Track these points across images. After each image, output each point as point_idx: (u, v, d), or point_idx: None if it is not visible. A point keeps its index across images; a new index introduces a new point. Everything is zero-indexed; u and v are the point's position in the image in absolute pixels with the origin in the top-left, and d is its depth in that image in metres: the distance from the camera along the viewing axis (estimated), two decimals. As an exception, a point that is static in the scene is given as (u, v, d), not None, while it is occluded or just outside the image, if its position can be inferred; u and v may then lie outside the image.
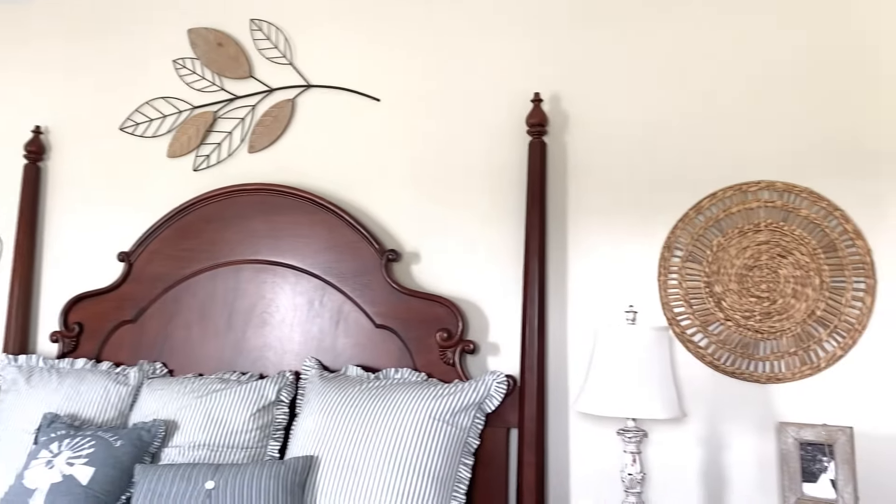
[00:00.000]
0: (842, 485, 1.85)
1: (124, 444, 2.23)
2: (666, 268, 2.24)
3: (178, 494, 2.01)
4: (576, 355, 2.31)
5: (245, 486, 2.00)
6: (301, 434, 2.21)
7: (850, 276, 2.09)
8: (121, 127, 2.86)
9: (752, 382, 2.15)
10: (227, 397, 2.33)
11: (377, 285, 2.43)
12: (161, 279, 2.65)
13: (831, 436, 1.88)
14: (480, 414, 2.21)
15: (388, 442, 2.08)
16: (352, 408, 2.18)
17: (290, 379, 2.39)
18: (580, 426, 2.28)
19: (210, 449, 2.26)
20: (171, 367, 2.60)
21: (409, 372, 2.33)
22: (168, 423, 2.32)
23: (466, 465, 2.15)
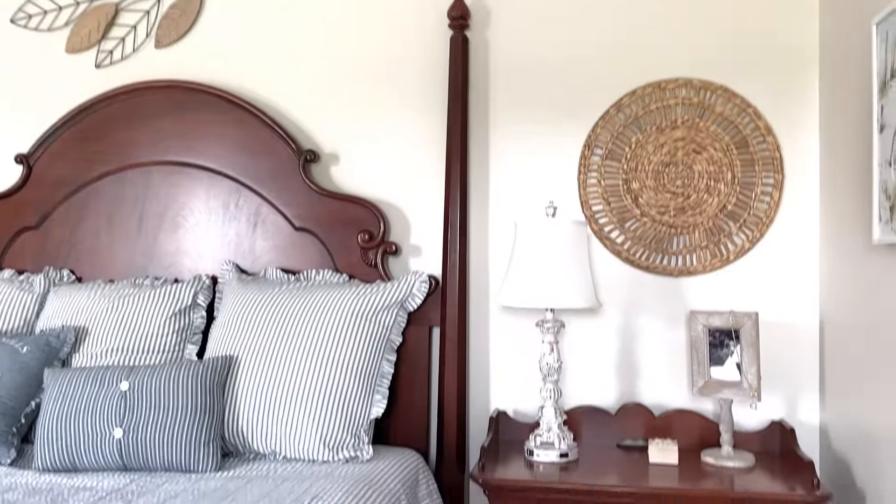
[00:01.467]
0: (746, 367, 1.95)
1: (31, 350, 2.14)
2: (586, 166, 2.26)
3: (91, 397, 1.95)
4: (497, 255, 2.33)
5: (162, 386, 1.95)
6: (219, 335, 2.17)
7: (760, 172, 2.15)
8: (12, 19, 2.63)
9: (665, 276, 2.22)
10: (141, 301, 2.25)
11: (295, 187, 2.36)
12: (65, 183, 2.50)
13: (738, 321, 1.97)
14: (403, 312, 2.22)
15: (309, 338, 2.07)
16: (272, 307, 2.14)
17: (206, 283, 2.33)
18: (501, 322, 2.32)
19: (124, 353, 2.19)
20: (79, 274, 2.48)
21: (330, 273, 2.30)
22: (78, 329, 2.23)
23: (389, 360, 2.17)
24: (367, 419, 2.06)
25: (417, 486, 1.99)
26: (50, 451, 1.93)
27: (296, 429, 1.98)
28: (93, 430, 1.91)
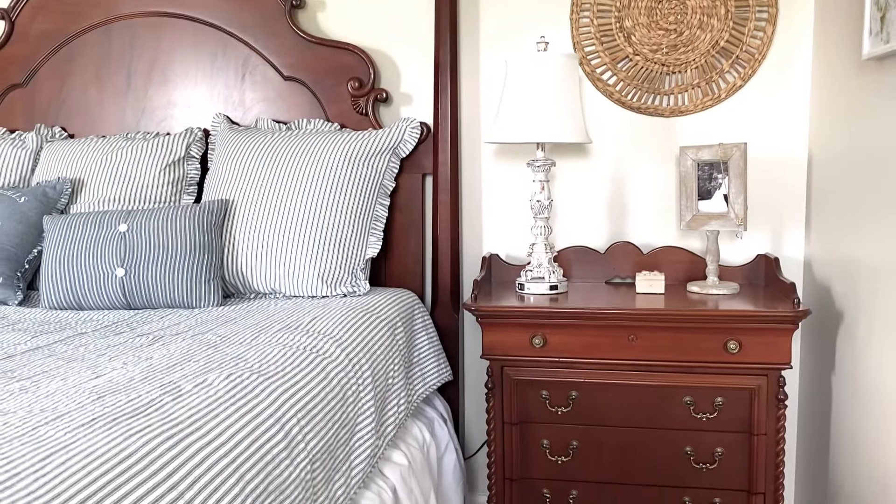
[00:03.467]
0: (733, 197, 1.98)
1: (29, 200, 2.16)
2: (578, 5, 2.21)
3: (90, 239, 1.99)
4: (488, 100, 2.32)
5: (160, 227, 1.99)
6: (214, 183, 2.19)
7: (754, 6, 2.12)
8: None
9: (656, 117, 2.22)
10: (134, 154, 2.26)
11: (282, 34, 2.33)
12: (49, 37, 2.46)
13: (726, 153, 1.98)
14: (395, 158, 2.23)
15: (303, 183, 2.09)
16: (265, 154, 2.16)
17: (198, 135, 2.33)
18: (493, 168, 2.34)
19: (120, 203, 2.22)
20: (71, 131, 2.48)
21: (321, 122, 2.30)
22: (74, 181, 2.25)
23: (383, 205, 2.20)
24: (363, 258, 2.11)
25: (413, 319, 2.06)
26: (55, 290, 1.98)
27: (294, 267, 2.04)
28: (95, 270, 1.96)
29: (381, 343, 1.77)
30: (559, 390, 1.92)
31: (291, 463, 1.21)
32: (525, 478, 1.96)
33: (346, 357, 1.58)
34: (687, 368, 1.85)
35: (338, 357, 1.56)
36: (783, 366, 1.79)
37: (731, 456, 1.86)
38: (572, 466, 1.93)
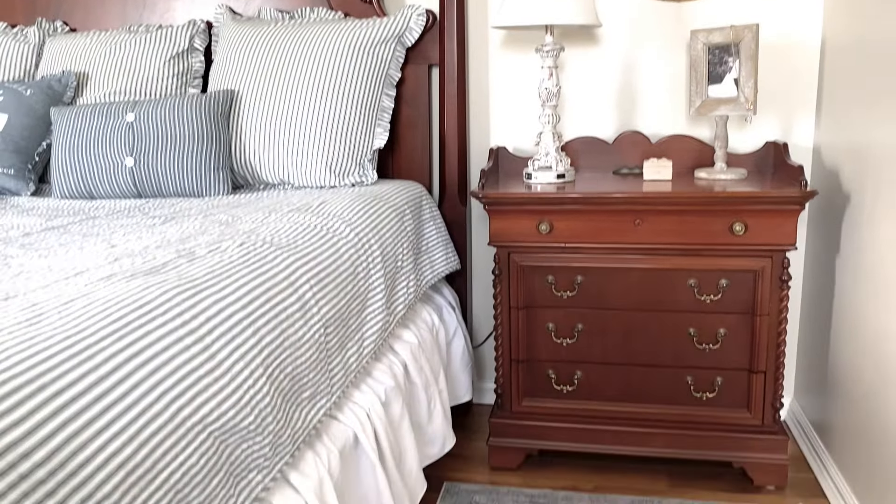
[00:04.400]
0: (744, 80, 1.95)
1: (35, 93, 2.16)
2: None
3: (98, 129, 2.00)
4: (496, -12, 2.27)
5: (167, 116, 1.99)
6: (219, 74, 2.17)
7: None
8: None
9: (667, 1, 2.17)
10: (137, 46, 2.24)
11: (284, -80, 2.26)
12: (44, -73, 2.40)
13: (738, 35, 1.95)
14: (401, 47, 2.20)
15: (308, 73, 2.07)
16: (270, 44, 2.13)
17: (201, 26, 2.29)
18: (500, 58, 2.30)
19: (126, 96, 2.21)
20: (72, 25, 2.45)
21: (325, 11, 2.26)
22: (79, 74, 2.24)
23: (389, 95, 2.18)
24: (370, 149, 2.11)
25: (421, 209, 2.08)
26: (66, 180, 2.00)
27: (302, 157, 2.04)
28: (104, 160, 1.97)
29: (390, 227, 1.79)
30: (565, 275, 1.95)
31: (305, 324, 1.25)
32: (531, 359, 2.02)
33: (356, 236, 1.60)
34: (692, 251, 1.87)
35: (348, 235, 1.58)
36: (788, 247, 1.81)
37: (734, 337, 1.90)
38: (577, 348, 1.98)
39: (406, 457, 1.63)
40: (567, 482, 2.00)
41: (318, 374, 1.28)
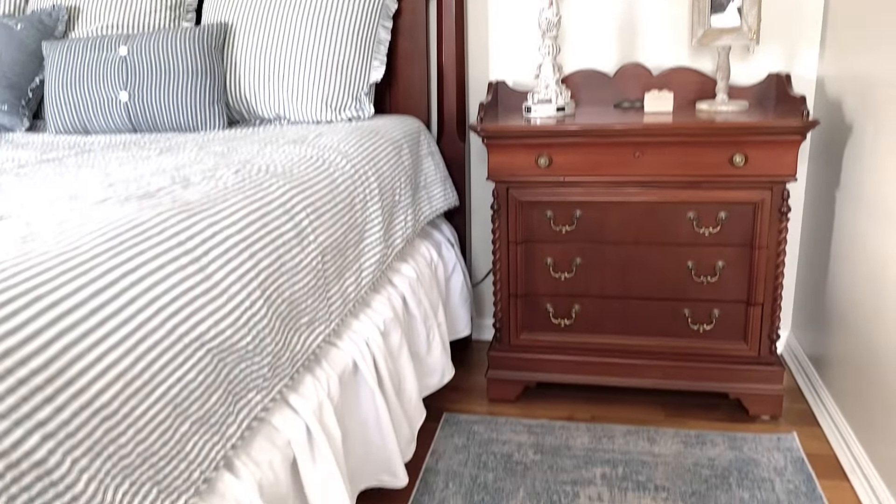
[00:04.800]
0: (747, 9, 1.91)
1: (25, 27, 2.12)
2: None
3: (91, 63, 1.97)
4: (494, -85, 2.20)
5: (160, 49, 1.96)
6: (213, 6, 2.13)
7: None
8: None
9: (671, -71, 2.11)
10: (129, -21, 2.19)
11: None
12: None
13: (742, -39, 1.90)
14: (397, -22, 2.15)
15: (304, 3, 2.03)
16: (262, -25, 2.08)
17: (194, -42, 2.24)
18: (499, -10, 2.26)
19: (118, 30, 2.17)
20: (62, -42, 2.39)
21: (320, -59, 2.20)
22: (70, 8, 2.20)
23: (385, 27, 2.14)
24: (367, 83, 2.08)
25: (419, 144, 2.06)
26: (60, 115, 1.98)
27: (297, 92, 2.02)
28: (98, 95, 1.95)
29: (387, 161, 1.78)
30: (563, 210, 1.95)
31: (302, 251, 1.25)
32: (529, 294, 2.03)
33: (352, 168, 1.59)
34: (692, 184, 1.86)
35: (345, 167, 1.57)
36: (788, 178, 1.80)
37: (732, 269, 1.90)
38: (575, 282, 1.99)
39: (405, 385, 1.65)
40: (564, 413, 2.03)
41: (316, 301, 1.29)
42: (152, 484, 0.84)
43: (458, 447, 1.89)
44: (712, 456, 1.80)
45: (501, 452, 1.86)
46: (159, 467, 0.85)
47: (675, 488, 1.69)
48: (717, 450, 1.83)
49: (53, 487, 0.68)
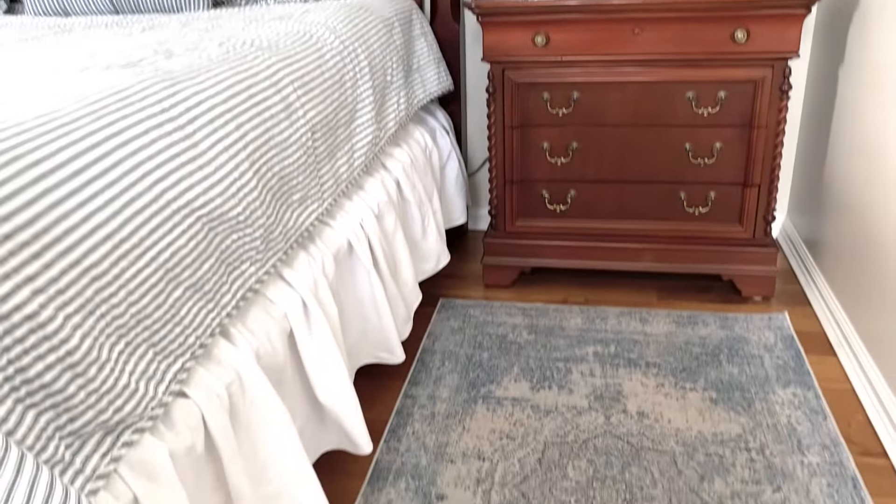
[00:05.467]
0: None
1: None
2: None
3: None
4: None
5: (137, -77, 1.86)
6: None
7: None
8: None
9: None
10: None
11: None
12: None
13: None
14: None
15: None
16: None
17: None
18: None
19: None
20: None
21: None
22: None
23: None
24: (356, -41, 1.99)
25: (411, 24, 1.99)
26: (38, -4, 1.91)
27: (283, -31, 1.93)
28: (76, -26, 1.87)
29: (378, 39, 1.72)
30: (560, 91, 1.90)
31: (291, 126, 1.23)
32: (525, 180, 2.01)
33: (341, 44, 1.54)
34: (691, 62, 1.81)
35: (333, 42, 1.52)
36: (790, 54, 1.75)
37: (730, 150, 1.88)
38: (572, 167, 1.97)
39: (401, 268, 1.66)
40: (558, 296, 2.06)
41: (307, 178, 1.28)
42: (148, 346, 0.85)
43: (454, 329, 1.92)
44: (703, 335, 1.84)
45: (496, 333, 1.89)
46: (154, 330, 0.85)
47: (665, 365, 1.73)
48: (709, 329, 1.86)
49: (47, 341, 0.69)
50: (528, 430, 1.54)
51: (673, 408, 1.58)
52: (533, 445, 1.50)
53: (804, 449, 1.44)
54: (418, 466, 1.46)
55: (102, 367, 0.76)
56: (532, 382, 1.69)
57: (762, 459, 1.42)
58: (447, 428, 1.56)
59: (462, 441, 1.52)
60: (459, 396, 1.66)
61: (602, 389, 1.66)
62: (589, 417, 1.57)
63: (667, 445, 1.48)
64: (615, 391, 1.65)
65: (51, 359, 0.69)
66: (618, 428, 1.54)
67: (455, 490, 1.39)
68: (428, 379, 1.73)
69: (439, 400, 1.65)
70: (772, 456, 1.43)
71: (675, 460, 1.44)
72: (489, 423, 1.57)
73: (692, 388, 1.64)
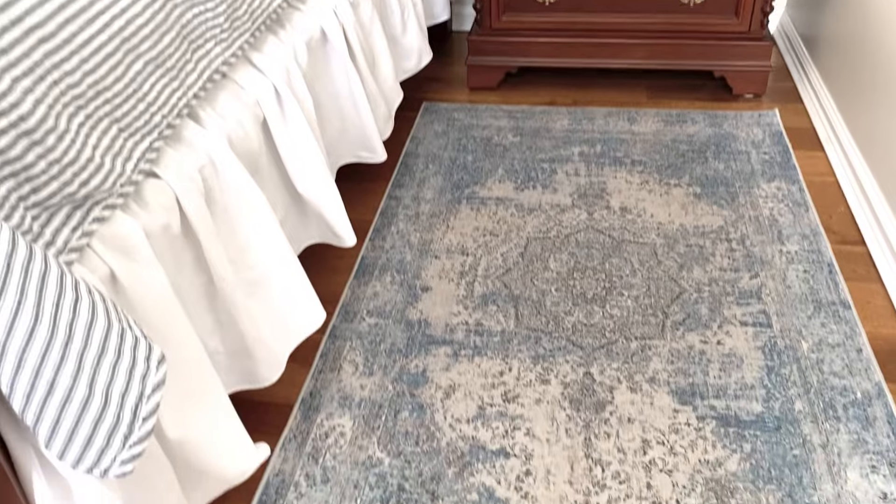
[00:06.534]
0: None
1: None
2: None
3: None
4: None
5: None
6: None
7: None
8: None
9: None
10: None
11: None
12: None
13: None
14: None
15: None
16: None
17: None
18: None
19: None
20: None
21: None
22: None
23: None
24: None
25: None
26: None
27: None
28: None
29: None
30: None
31: None
32: (512, -30, 1.88)
33: None
34: None
35: None
36: None
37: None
38: (562, -45, 1.84)
39: (380, 63, 1.58)
40: (545, 98, 2.00)
41: (273, -45, 1.17)
42: (111, 121, 0.80)
43: (437, 133, 1.88)
44: (691, 133, 1.81)
45: (481, 136, 1.85)
46: (116, 104, 0.81)
47: (651, 162, 1.71)
48: (697, 127, 1.82)
49: (-4, 104, 0.65)
50: (511, 228, 1.55)
51: (656, 203, 1.59)
52: (516, 241, 1.51)
53: (784, 239, 1.46)
54: (403, 262, 1.47)
55: (62, 138, 0.72)
56: (516, 183, 1.68)
57: (742, 249, 1.44)
58: (431, 226, 1.56)
59: (446, 238, 1.53)
60: (443, 197, 1.65)
61: (586, 187, 1.65)
62: (572, 214, 1.57)
63: (648, 238, 1.49)
64: (599, 189, 1.64)
65: (2, 123, 0.65)
66: (600, 223, 1.54)
67: (439, 282, 1.42)
68: (412, 181, 1.71)
69: (423, 201, 1.64)
70: (751, 246, 1.45)
71: (656, 251, 1.46)
72: (473, 221, 1.57)
73: (676, 184, 1.64)
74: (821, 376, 1.18)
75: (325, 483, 1.08)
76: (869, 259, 1.41)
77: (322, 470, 1.10)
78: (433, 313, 1.35)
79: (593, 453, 1.09)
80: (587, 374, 1.22)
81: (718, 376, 1.20)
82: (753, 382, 1.18)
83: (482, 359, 1.26)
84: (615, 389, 1.19)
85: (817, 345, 1.24)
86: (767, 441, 1.09)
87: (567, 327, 1.30)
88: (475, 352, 1.27)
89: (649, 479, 1.06)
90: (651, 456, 1.09)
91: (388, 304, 1.38)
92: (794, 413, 1.13)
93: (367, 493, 1.06)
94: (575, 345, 1.27)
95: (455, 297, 1.38)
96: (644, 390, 1.18)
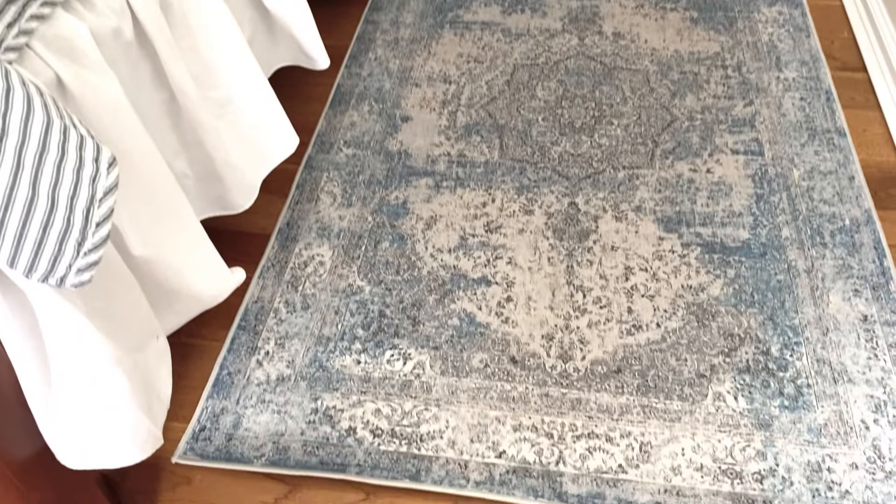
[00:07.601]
0: None
1: None
2: None
3: None
4: None
5: None
6: None
7: None
8: None
9: None
10: None
11: None
12: None
13: None
14: None
15: None
16: None
17: None
18: None
19: None
20: None
21: None
22: None
23: None
24: None
25: None
26: None
27: None
28: None
29: None
30: None
31: None
32: None
33: None
34: None
35: None
36: None
37: None
38: None
39: None
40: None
41: None
42: None
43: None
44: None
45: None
46: None
47: (647, -15, 1.60)
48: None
49: None
50: (497, 54, 1.46)
51: (651, 28, 1.49)
52: (502, 68, 1.43)
53: (782, 66, 1.39)
54: (381, 90, 1.39)
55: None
56: (503, 6, 1.57)
57: (737, 76, 1.37)
58: (411, 53, 1.47)
59: (427, 65, 1.44)
60: (425, 22, 1.54)
61: (578, 12, 1.54)
62: (562, 40, 1.48)
63: (640, 65, 1.41)
64: (591, 13, 1.54)
65: None
66: (591, 49, 1.46)
67: (420, 112, 1.35)
68: (390, 4, 1.59)
69: (403, 25, 1.54)
70: (748, 73, 1.38)
71: (648, 79, 1.38)
72: (456, 47, 1.48)
73: (673, 9, 1.53)
74: (810, 203, 1.16)
75: (305, 310, 1.07)
76: (869, 86, 1.35)
77: (302, 297, 1.08)
78: (414, 144, 1.30)
79: (575, 280, 1.08)
80: (572, 203, 1.19)
81: (706, 204, 1.17)
82: (741, 210, 1.16)
83: (465, 190, 1.22)
84: (600, 219, 1.16)
85: (809, 172, 1.20)
86: (752, 267, 1.08)
87: (553, 157, 1.26)
88: (457, 183, 1.23)
89: (630, 304, 1.05)
90: (633, 282, 1.08)
91: (367, 134, 1.32)
92: (781, 240, 1.11)
93: (349, 319, 1.05)
94: (561, 175, 1.23)
95: (437, 127, 1.32)
96: (629, 219, 1.16)
